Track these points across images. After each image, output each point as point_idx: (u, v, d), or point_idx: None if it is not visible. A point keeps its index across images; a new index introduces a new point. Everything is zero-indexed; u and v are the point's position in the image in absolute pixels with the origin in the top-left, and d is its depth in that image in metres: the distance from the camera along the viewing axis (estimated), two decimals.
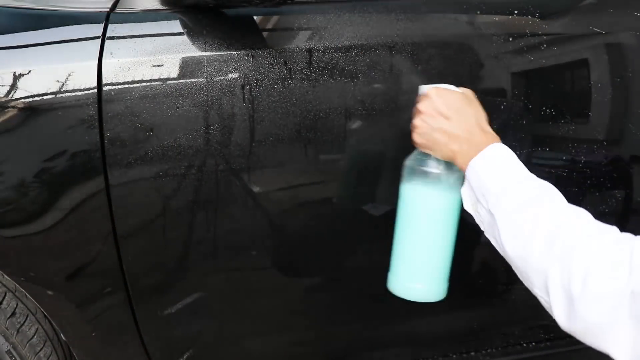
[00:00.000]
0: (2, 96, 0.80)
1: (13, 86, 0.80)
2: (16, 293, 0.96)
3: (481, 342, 1.19)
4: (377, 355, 1.14)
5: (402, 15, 0.91)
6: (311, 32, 0.89)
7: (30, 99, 0.81)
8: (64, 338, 0.99)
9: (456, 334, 1.17)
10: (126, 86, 0.82)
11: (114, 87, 0.82)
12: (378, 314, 1.08)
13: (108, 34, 0.83)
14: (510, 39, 0.93)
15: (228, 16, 0.88)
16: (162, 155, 0.84)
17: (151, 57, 0.83)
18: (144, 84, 0.83)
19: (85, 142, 0.82)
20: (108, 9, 0.86)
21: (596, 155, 1.00)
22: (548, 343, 1.18)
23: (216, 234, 0.92)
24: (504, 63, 0.94)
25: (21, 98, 0.81)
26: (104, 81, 0.81)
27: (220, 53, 0.84)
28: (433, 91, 0.75)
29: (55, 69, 0.81)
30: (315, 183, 0.93)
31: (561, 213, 0.63)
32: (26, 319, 0.97)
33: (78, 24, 0.86)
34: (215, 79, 0.84)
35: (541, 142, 0.98)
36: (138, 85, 0.83)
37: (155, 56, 0.84)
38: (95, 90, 0.81)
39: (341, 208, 0.95)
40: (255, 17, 0.90)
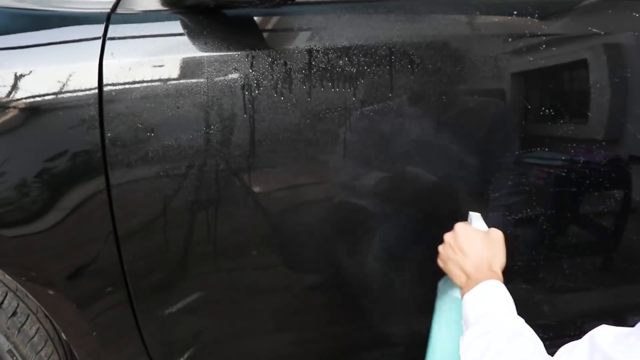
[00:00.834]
0: (4, 97, 0.81)
1: (14, 87, 0.81)
2: (17, 293, 0.96)
3: None
4: (377, 355, 1.15)
5: (402, 15, 0.91)
6: (311, 33, 0.89)
7: (31, 100, 0.81)
8: (65, 337, 0.99)
9: None
10: (127, 86, 0.82)
11: (115, 88, 0.82)
12: (378, 314, 1.09)
13: (109, 35, 0.83)
14: (509, 39, 0.93)
15: (228, 17, 0.88)
16: (163, 155, 0.85)
17: (152, 58, 0.84)
18: (145, 85, 0.83)
19: (86, 143, 0.82)
20: (109, 10, 0.86)
21: (595, 155, 1.00)
22: (548, 343, 1.18)
23: (216, 234, 0.92)
24: (504, 63, 0.94)
25: (22, 98, 0.81)
26: (105, 82, 0.82)
27: (220, 54, 0.85)
28: (460, 227, 0.86)
29: (56, 70, 0.82)
30: (315, 183, 0.94)
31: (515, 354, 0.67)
32: (27, 319, 0.97)
33: (79, 25, 0.87)
34: (215, 80, 0.84)
35: (541, 142, 0.98)
36: (139, 85, 0.83)
37: (156, 57, 0.84)
38: (96, 90, 0.81)
39: (341, 208, 0.96)
40: (255, 18, 0.90)
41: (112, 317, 0.95)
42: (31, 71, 0.81)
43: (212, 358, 1.07)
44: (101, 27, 0.84)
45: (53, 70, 0.82)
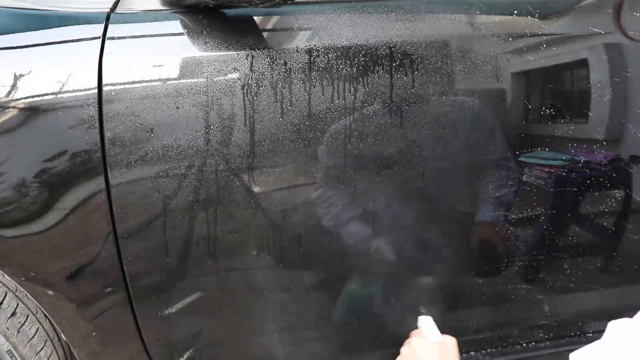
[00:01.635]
0: (3, 96, 0.81)
1: (14, 86, 0.81)
2: (17, 293, 0.96)
3: (481, 342, 1.19)
4: (377, 355, 1.14)
5: (402, 15, 0.91)
6: (311, 32, 0.89)
7: (30, 99, 0.81)
8: (65, 338, 0.99)
9: (456, 334, 1.17)
10: (126, 86, 0.82)
11: (114, 87, 0.82)
12: (377, 314, 1.08)
13: (108, 35, 0.83)
14: (510, 39, 0.93)
15: (228, 16, 0.88)
16: (162, 155, 0.85)
17: (151, 58, 0.84)
18: (144, 84, 0.83)
19: (85, 142, 0.82)
20: (108, 10, 0.86)
21: (596, 155, 1.00)
22: (548, 343, 1.18)
23: (216, 234, 0.92)
24: (504, 63, 0.94)
25: (22, 98, 0.81)
26: (104, 81, 0.82)
27: (220, 53, 0.85)
28: (417, 342, 0.91)
29: (55, 69, 0.82)
30: (315, 183, 0.93)
31: None
32: (27, 319, 0.97)
33: (78, 25, 0.87)
34: (215, 79, 0.84)
35: (541, 142, 0.98)
36: (138, 85, 0.83)
37: (155, 56, 0.84)
38: (95, 90, 0.81)
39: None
40: (255, 18, 0.90)
41: (112, 318, 0.95)
42: (30, 71, 0.81)
43: (212, 358, 1.07)
44: (101, 27, 0.84)
45: (52, 70, 0.82)
